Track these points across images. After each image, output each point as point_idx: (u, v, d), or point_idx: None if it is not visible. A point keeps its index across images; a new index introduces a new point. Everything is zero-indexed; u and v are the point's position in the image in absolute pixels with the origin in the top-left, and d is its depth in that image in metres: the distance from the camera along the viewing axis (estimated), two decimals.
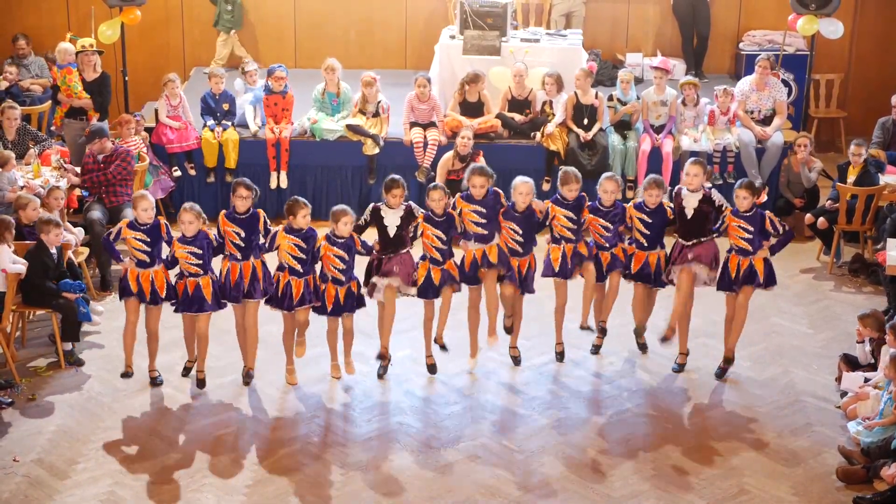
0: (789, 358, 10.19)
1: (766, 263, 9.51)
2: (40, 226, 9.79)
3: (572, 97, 12.75)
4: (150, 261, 9.24)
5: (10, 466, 8.45)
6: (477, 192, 9.44)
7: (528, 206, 9.47)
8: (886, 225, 11.27)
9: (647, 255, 9.68)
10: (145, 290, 9.24)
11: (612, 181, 9.65)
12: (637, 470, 8.58)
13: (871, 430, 8.66)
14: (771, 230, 9.49)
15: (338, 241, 9.30)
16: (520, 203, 9.44)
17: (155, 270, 9.27)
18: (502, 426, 9.13)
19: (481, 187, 9.43)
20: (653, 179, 9.68)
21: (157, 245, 9.28)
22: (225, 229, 9.27)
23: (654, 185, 9.64)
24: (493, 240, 9.50)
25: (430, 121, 12.82)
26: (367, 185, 12.91)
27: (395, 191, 9.35)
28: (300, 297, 9.29)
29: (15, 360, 9.75)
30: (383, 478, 8.45)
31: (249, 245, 9.29)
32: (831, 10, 13.25)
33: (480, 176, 9.45)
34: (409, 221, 9.39)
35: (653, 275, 9.70)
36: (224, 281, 9.31)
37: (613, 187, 9.63)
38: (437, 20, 15.02)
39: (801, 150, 12.45)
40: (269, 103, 12.80)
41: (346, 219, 9.26)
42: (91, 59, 12.81)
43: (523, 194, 9.41)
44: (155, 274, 9.27)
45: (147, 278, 9.25)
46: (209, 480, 8.38)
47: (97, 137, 11.42)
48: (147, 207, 9.23)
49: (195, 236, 9.22)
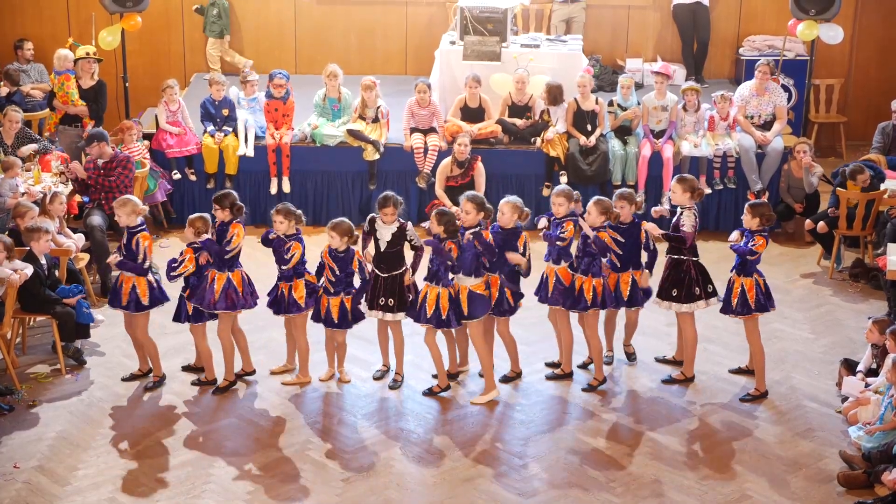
0: (790, 363, 10.19)
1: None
2: (28, 234, 9.78)
3: (573, 103, 12.75)
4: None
5: (11, 473, 8.44)
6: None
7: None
8: (887, 230, 11.26)
9: (618, 277, 9.59)
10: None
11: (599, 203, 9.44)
12: (638, 475, 8.57)
13: (871, 436, 8.66)
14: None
15: (333, 254, 9.33)
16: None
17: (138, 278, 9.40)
18: (503, 432, 9.12)
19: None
20: (620, 193, 9.55)
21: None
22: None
23: (621, 199, 9.50)
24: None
25: (431, 126, 12.83)
26: (368, 191, 12.91)
27: (386, 209, 9.30)
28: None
29: (15, 366, 9.75)
30: (384, 484, 8.44)
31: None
32: (831, 15, 13.25)
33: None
34: (400, 239, 9.35)
35: (622, 297, 9.62)
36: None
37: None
38: (437, 26, 15.03)
39: (800, 156, 12.45)
40: (269, 109, 12.81)
41: (332, 233, 9.25)
42: (90, 66, 12.81)
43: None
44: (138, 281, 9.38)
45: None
46: (210, 486, 8.37)
47: (96, 141, 11.42)
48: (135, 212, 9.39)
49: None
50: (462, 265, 9.19)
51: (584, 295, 9.41)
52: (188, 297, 9.37)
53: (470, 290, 9.23)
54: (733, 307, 9.42)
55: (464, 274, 9.23)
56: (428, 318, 9.26)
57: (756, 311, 9.40)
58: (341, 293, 9.39)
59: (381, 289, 9.36)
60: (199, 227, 9.32)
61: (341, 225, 9.29)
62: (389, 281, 9.35)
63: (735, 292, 9.40)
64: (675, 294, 9.47)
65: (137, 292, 9.35)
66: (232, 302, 9.32)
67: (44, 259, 9.86)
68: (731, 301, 9.43)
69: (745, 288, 9.36)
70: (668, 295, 9.50)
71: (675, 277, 9.47)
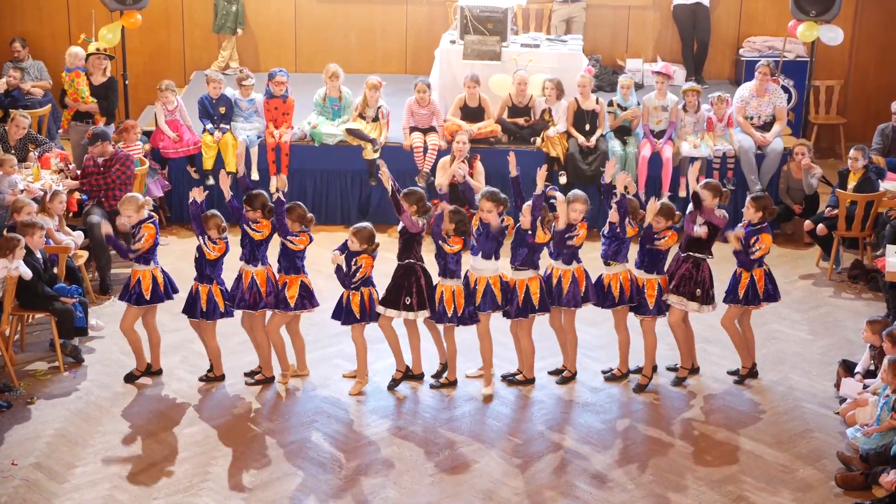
0: (789, 364, 10.19)
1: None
2: (23, 229, 9.76)
3: (573, 103, 12.75)
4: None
5: (9, 470, 8.44)
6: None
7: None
8: (886, 231, 11.26)
9: (644, 281, 9.57)
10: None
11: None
12: (635, 476, 8.58)
13: (869, 437, 8.67)
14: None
15: (344, 249, 9.35)
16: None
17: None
18: (501, 432, 9.12)
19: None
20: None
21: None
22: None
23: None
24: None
25: (430, 125, 12.83)
26: (367, 190, 12.91)
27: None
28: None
29: (14, 363, 9.75)
30: (383, 482, 8.44)
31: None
32: (831, 16, 13.25)
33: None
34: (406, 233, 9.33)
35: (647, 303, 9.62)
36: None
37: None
38: (437, 25, 15.03)
39: (800, 157, 12.46)
40: (269, 108, 12.81)
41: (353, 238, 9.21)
42: (101, 62, 12.81)
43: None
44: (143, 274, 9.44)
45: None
46: (208, 485, 8.37)
47: (99, 140, 11.42)
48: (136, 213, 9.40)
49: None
50: (483, 250, 9.28)
51: (612, 292, 9.46)
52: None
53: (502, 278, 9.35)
54: (740, 297, 9.45)
55: (483, 257, 9.30)
56: (449, 318, 9.32)
57: (764, 300, 9.47)
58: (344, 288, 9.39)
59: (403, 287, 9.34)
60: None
61: (355, 229, 9.26)
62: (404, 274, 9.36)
63: (743, 283, 9.43)
64: (698, 294, 9.47)
65: (141, 286, 9.36)
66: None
67: (39, 254, 9.86)
68: (737, 292, 9.46)
69: (756, 278, 9.41)
70: (692, 294, 9.48)
71: (698, 277, 9.47)
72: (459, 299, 9.31)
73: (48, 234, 10.11)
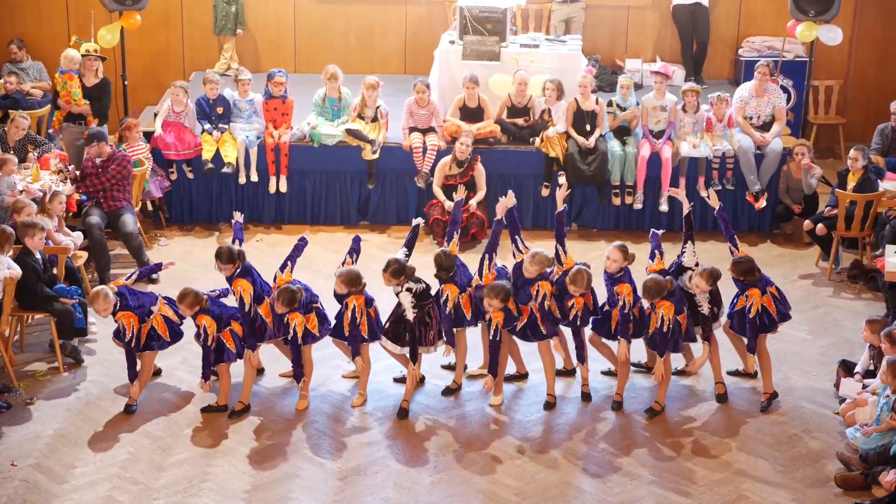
0: (788, 364, 10.19)
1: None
2: (23, 230, 9.76)
3: (573, 103, 12.75)
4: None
5: (8, 471, 8.44)
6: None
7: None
8: (885, 231, 11.26)
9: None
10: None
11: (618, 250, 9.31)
12: (635, 475, 8.58)
13: (869, 437, 8.67)
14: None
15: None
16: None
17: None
18: (500, 432, 9.12)
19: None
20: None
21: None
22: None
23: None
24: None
25: (430, 126, 12.82)
26: (367, 190, 12.91)
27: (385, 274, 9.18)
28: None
29: (13, 364, 9.75)
30: (382, 483, 8.44)
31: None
32: (830, 16, 13.25)
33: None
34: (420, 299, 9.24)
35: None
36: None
37: (619, 256, 9.29)
38: (436, 25, 15.03)
39: (799, 157, 12.46)
40: (268, 108, 12.80)
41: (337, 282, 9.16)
42: (94, 64, 12.79)
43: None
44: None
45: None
46: (208, 485, 8.37)
47: (95, 141, 11.41)
48: (107, 307, 9.10)
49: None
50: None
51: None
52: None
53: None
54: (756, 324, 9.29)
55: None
56: (468, 321, 9.35)
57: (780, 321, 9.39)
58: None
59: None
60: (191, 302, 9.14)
61: (347, 275, 9.12)
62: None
63: (754, 310, 9.25)
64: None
65: (157, 331, 9.30)
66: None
67: (38, 254, 9.85)
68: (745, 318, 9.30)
69: (765, 305, 9.28)
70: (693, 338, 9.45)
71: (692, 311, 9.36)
72: (466, 305, 9.30)
73: (48, 234, 10.11)
